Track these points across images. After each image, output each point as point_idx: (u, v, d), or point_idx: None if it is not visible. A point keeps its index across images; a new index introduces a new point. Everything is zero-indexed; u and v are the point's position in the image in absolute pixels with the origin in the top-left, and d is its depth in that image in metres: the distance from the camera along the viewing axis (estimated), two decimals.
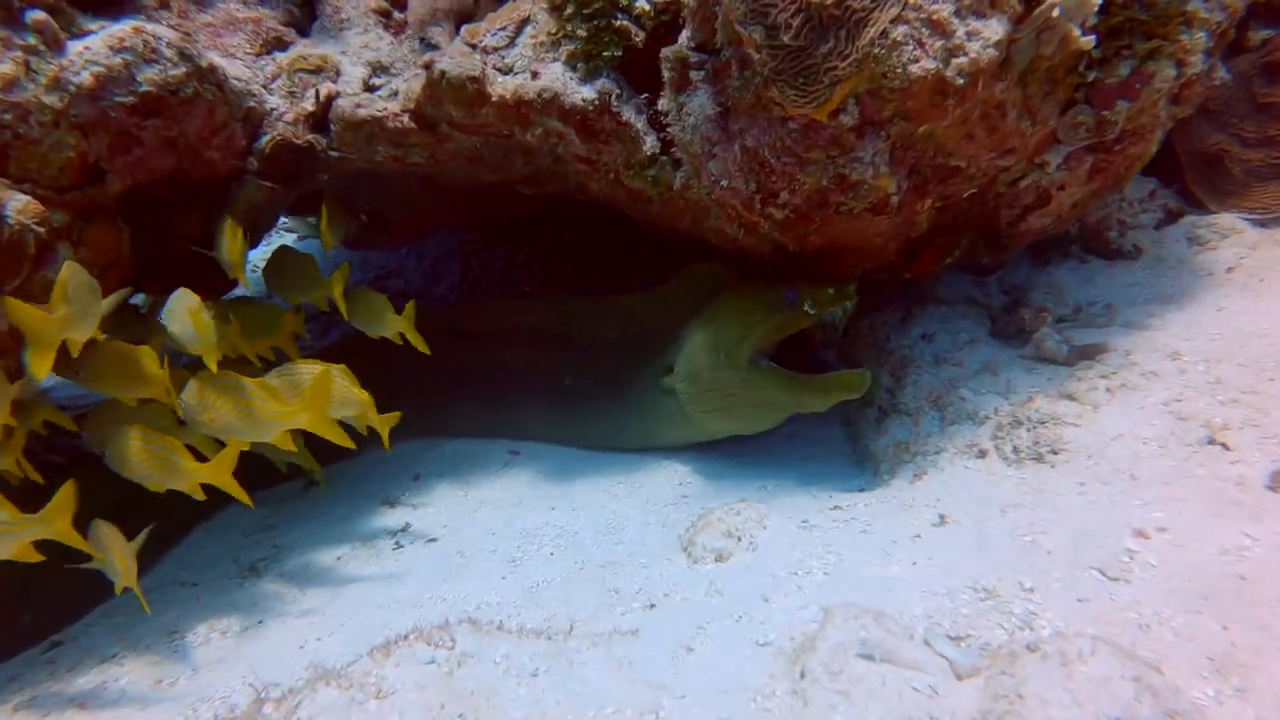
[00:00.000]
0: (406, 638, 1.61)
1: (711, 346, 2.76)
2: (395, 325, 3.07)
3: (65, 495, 2.21)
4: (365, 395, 2.67)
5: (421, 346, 3.11)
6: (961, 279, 3.25)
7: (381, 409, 3.98)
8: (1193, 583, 1.60)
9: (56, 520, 2.20)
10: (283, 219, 6.36)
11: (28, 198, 2.26)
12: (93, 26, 2.46)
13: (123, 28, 2.41)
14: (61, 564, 2.87)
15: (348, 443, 2.64)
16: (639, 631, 1.75)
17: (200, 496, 2.44)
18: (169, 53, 2.48)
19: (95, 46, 2.37)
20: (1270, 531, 1.68)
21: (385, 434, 2.78)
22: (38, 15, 2.27)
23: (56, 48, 2.33)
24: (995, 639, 1.55)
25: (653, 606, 1.96)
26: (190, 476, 2.39)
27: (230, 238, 2.70)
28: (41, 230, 2.28)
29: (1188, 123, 3.09)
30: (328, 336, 5.52)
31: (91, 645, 2.80)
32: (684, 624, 1.78)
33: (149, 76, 2.44)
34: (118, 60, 2.38)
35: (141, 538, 2.40)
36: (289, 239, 7.19)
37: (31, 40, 2.27)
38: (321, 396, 2.53)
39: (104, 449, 2.52)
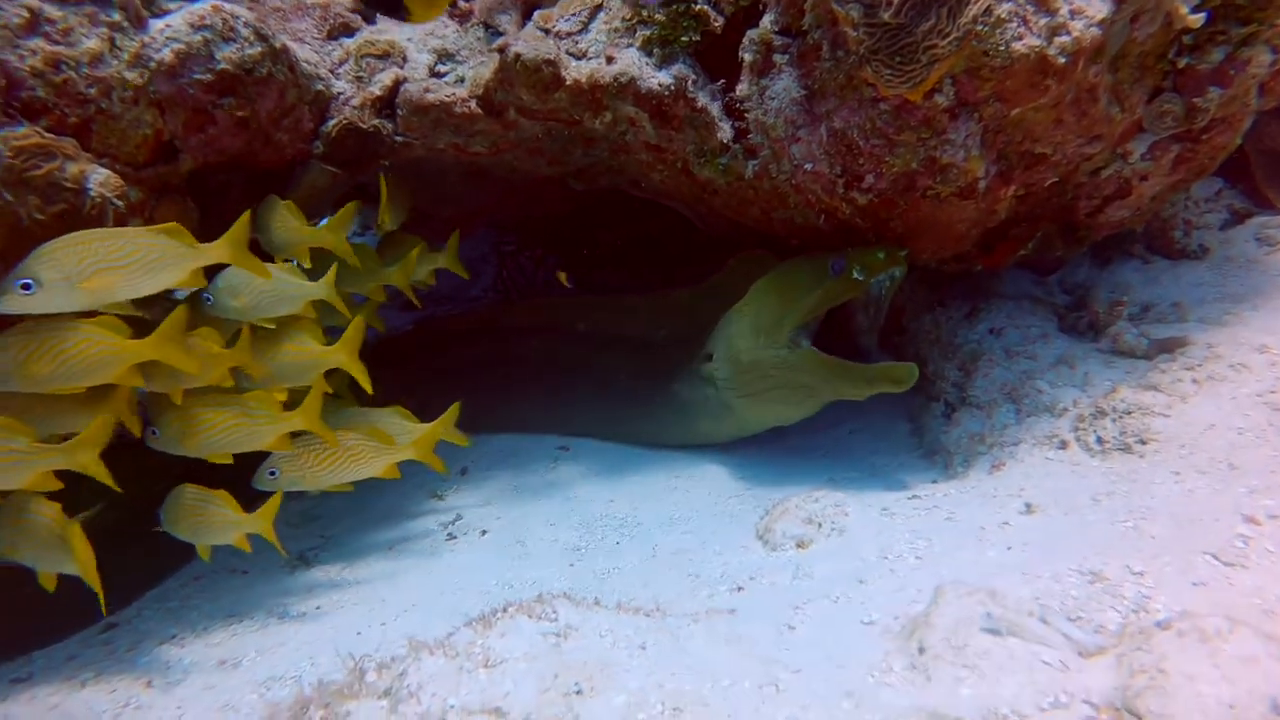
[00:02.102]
0: (505, 609, 1.59)
1: (753, 328, 2.69)
2: (435, 263, 3.25)
3: (98, 427, 2.16)
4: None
5: (462, 273, 3.35)
6: (1021, 277, 3.22)
7: (430, 403, 4.00)
8: None
9: (81, 451, 2.14)
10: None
11: (109, 172, 2.26)
12: (172, 5, 2.47)
13: (203, 6, 2.42)
14: (115, 544, 2.85)
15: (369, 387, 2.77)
16: (736, 611, 1.72)
17: (289, 448, 2.51)
18: (246, 32, 2.48)
19: (176, 24, 2.37)
20: None
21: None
22: None
23: (139, 25, 2.34)
24: (1109, 620, 1.52)
25: (740, 589, 1.93)
26: (281, 425, 2.42)
27: (288, 216, 2.70)
28: (120, 204, 2.28)
29: (1257, 122, 3.06)
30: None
31: (147, 628, 2.77)
32: (779, 605, 1.75)
33: (227, 55, 2.44)
34: (198, 38, 2.38)
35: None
36: None
37: (116, 17, 2.28)
38: (355, 340, 2.66)
39: (156, 424, 2.49)
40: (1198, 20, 1.88)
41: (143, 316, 2.42)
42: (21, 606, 2.73)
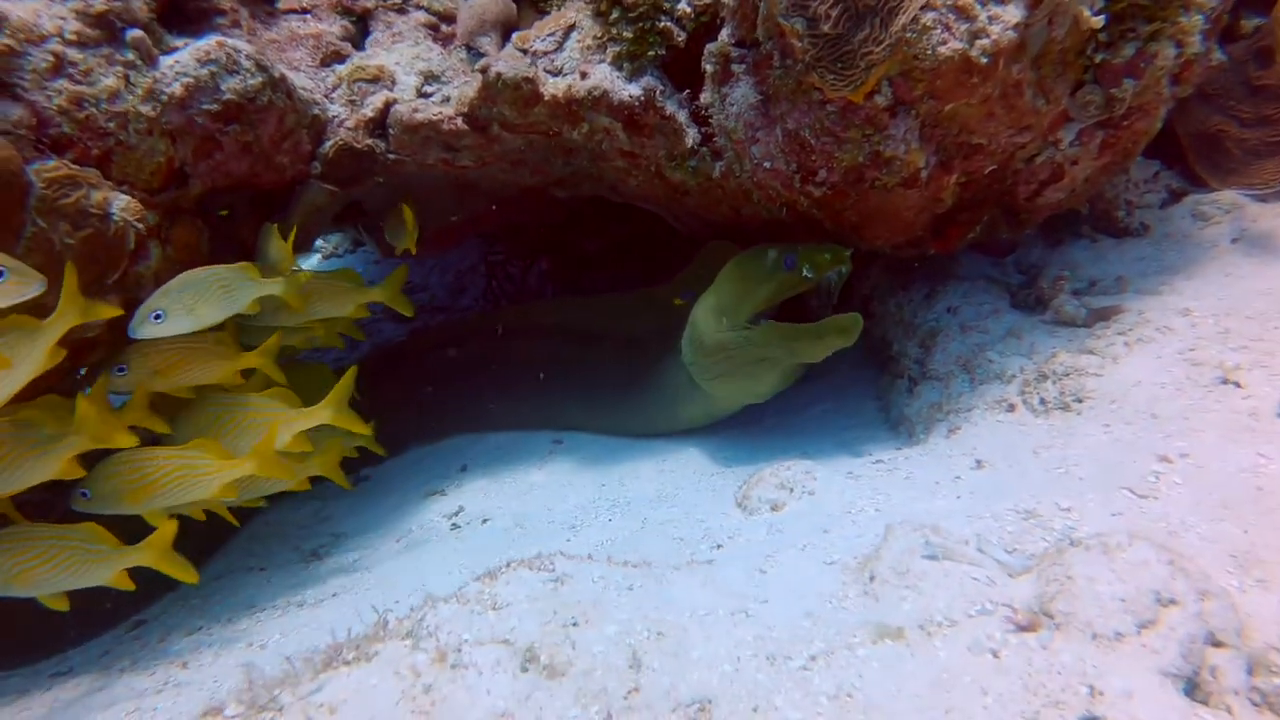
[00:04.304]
0: (509, 565, 1.80)
1: (715, 311, 2.86)
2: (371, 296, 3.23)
3: (85, 407, 2.25)
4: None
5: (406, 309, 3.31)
6: (979, 260, 3.45)
7: (427, 406, 4.19)
8: (1214, 496, 1.78)
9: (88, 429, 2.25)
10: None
11: (129, 198, 2.47)
12: (178, 43, 2.68)
13: (208, 42, 2.63)
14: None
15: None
16: (714, 561, 1.93)
17: (233, 495, 2.59)
18: (247, 64, 2.70)
19: (185, 59, 2.58)
20: None
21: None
22: (135, 33, 2.49)
23: (151, 62, 2.55)
24: (1039, 549, 1.73)
25: (720, 546, 2.14)
26: (226, 474, 2.47)
27: (277, 239, 2.85)
28: (141, 227, 2.49)
29: (1188, 107, 3.30)
30: (358, 349, 5.73)
31: (174, 622, 2.97)
32: (753, 555, 1.95)
33: (231, 86, 2.65)
34: (204, 71, 2.60)
35: None
36: (313, 260, 7.43)
37: (130, 56, 2.49)
38: (344, 394, 2.77)
39: (88, 483, 2.49)
40: (1099, 21, 2.11)
41: None
42: (51, 610, 2.92)
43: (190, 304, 2.46)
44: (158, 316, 2.45)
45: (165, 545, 2.39)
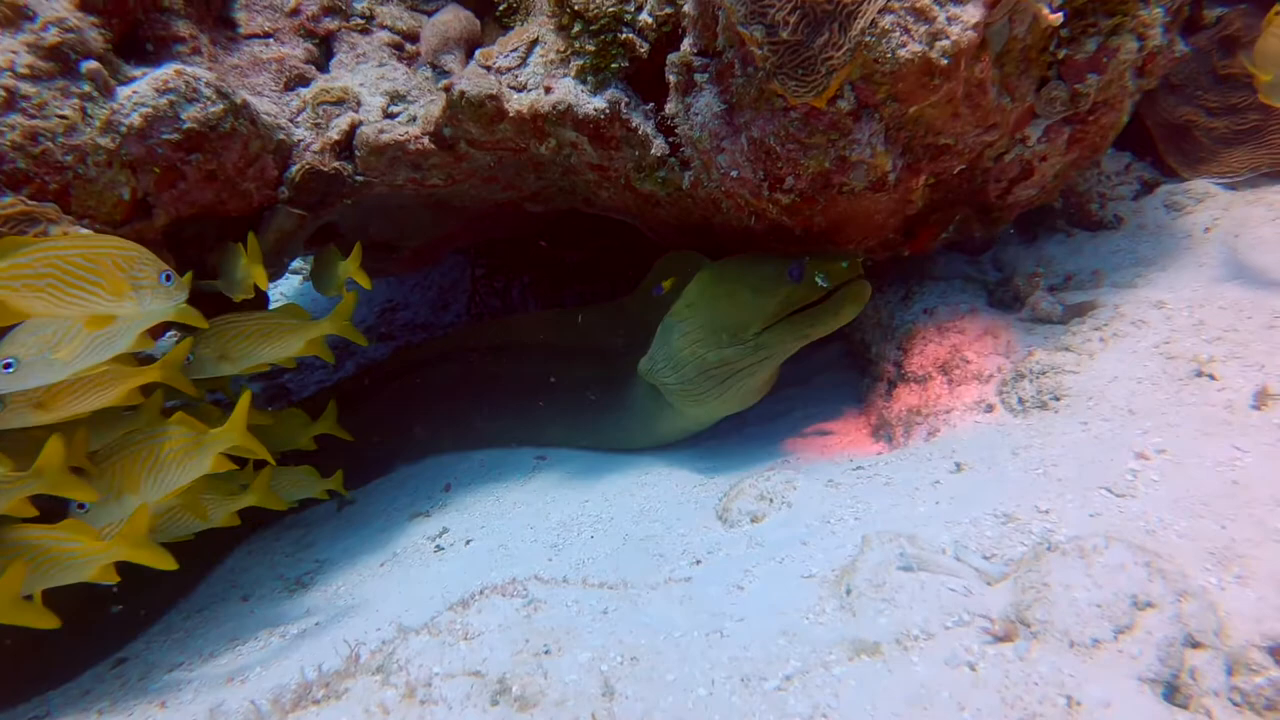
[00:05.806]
0: (482, 593, 1.76)
1: (710, 329, 2.76)
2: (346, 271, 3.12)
3: (51, 450, 2.13)
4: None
5: (359, 340, 3.18)
6: (956, 259, 3.44)
7: (411, 424, 4.15)
8: (1192, 492, 1.76)
9: (46, 475, 2.15)
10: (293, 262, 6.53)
11: (90, 231, 2.43)
12: (136, 73, 2.65)
13: (166, 71, 2.60)
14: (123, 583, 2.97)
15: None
16: (692, 579, 1.91)
17: (114, 579, 2.37)
18: (208, 91, 2.67)
19: (142, 89, 2.55)
20: (1258, 443, 1.84)
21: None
22: (91, 65, 2.45)
23: (108, 93, 2.52)
24: (1018, 554, 1.71)
25: (699, 562, 2.11)
26: (101, 556, 2.30)
27: (243, 258, 2.76)
28: None
29: (1156, 98, 3.30)
30: (343, 369, 5.70)
31: (155, 658, 2.93)
32: (731, 570, 1.93)
33: (191, 114, 2.62)
34: (163, 101, 2.57)
35: None
36: (292, 283, 7.40)
37: (86, 88, 2.46)
38: (242, 417, 2.61)
39: None
40: (1058, 19, 2.10)
41: None
42: (31, 649, 2.88)
43: (48, 347, 2.07)
44: (8, 366, 2.04)
45: (10, 595, 2.12)
